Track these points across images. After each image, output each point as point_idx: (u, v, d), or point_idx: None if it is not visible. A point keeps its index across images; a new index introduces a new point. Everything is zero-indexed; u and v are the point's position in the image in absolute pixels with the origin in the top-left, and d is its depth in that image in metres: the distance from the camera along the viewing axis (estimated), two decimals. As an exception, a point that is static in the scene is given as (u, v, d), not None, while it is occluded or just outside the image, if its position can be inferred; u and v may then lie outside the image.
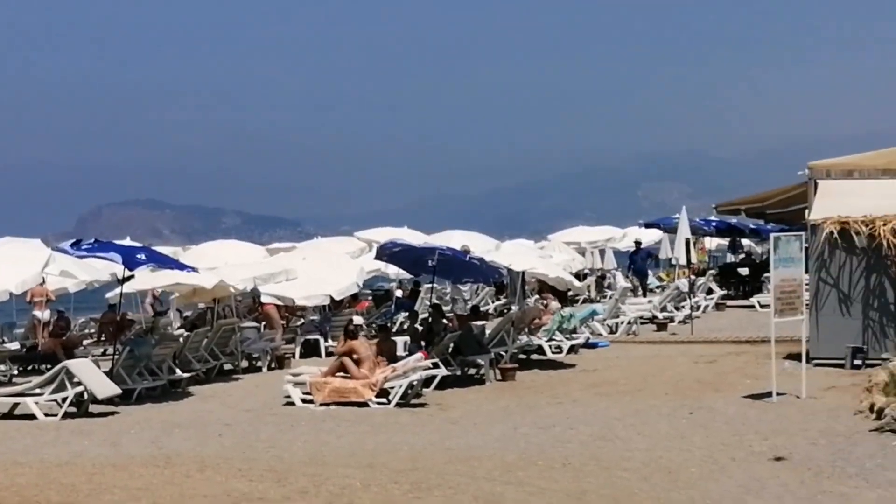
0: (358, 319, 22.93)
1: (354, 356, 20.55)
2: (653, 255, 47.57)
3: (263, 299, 28.67)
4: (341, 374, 20.44)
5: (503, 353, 23.74)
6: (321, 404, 19.64)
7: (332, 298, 29.68)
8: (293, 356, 27.24)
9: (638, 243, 45.57)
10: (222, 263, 30.44)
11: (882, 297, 21.80)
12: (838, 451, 14.39)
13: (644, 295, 39.66)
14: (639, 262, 44.03)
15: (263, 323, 28.66)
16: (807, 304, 20.71)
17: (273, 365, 25.76)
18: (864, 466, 13.56)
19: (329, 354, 26.05)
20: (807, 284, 20.95)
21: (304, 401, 19.95)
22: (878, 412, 15.77)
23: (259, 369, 25.58)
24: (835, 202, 29.54)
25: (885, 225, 21.80)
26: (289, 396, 20.19)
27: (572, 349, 25.92)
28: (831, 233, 21.96)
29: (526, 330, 25.60)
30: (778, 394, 18.36)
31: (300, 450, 15.56)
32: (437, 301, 29.87)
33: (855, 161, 36.24)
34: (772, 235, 20.26)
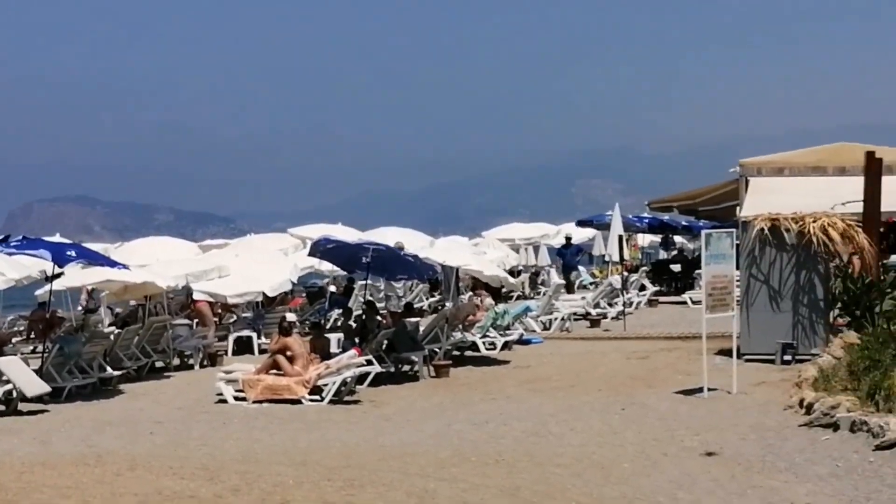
0: (291, 316, 22.80)
1: (288, 353, 20.48)
2: (583, 251, 47.65)
3: (196, 296, 28.47)
4: (274, 371, 20.35)
5: (437, 350, 23.75)
6: (254, 402, 19.54)
7: (265, 295, 29.56)
8: (226, 353, 27.09)
9: (568, 238, 45.60)
10: (154, 260, 30.23)
11: (811, 294, 22.03)
12: (768, 446, 14.52)
13: (571, 291, 39.64)
14: (568, 258, 44.06)
15: (196, 320, 28.46)
16: (738, 301, 20.89)
17: (205, 362, 25.60)
18: (794, 461, 13.70)
19: (262, 352, 25.92)
20: (738, 281, 21.13)
21: (236, 398, 19.85)
22: (808, 407, 15.94)
23: (191, 367, 25.42)
24: (765, 199, 29.85)
25: (814, 222, 22.03)
26: (221, 394, 20.08)
27: (506, 345, 25.97)
28: (762, 230, 22.15)
29: (460, 326, 25.62)
30: (709, 389, 18.51)
31: (232, 447, 15.47)
32: (370, 298, 29.81)
33: (785, 158, 36.67)
34: (703, 232, 20.40)
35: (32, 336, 31.50)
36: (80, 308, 35.16)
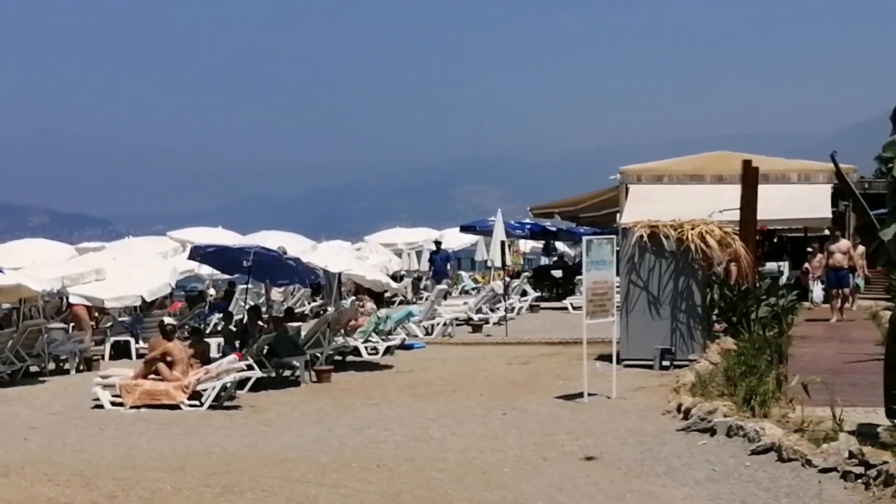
0: (169, 321, 22.51)
1: (169, 358, 20.20)
2: (451, 259, 47.26)
3: (72, 300, 27.93)
4: (152, 376, 20.05)
5: (319, 355, 23.61)
6: (131, 407, 19.22)
7: (143, 299, 29.11)
8: (102, 358, 26.59)
9: (438, 243, 44.93)
10: (29, 263, 29.60)
11: (690, 300, 22.35)
12: (647, 451, 14.68)
13: (444, 297, 38.35)
14: (438, 263, 43.36)
15: (72, 324, 27.92)
16: (617, 307, 21.11)
17: (81, 367, 25.11)
18: (672, 465, 13.87)
19: (140, 356, 25.50)
20: (618, 287, 21.36)
21: (113, 403, 19.50)
22: (686, 412, 16.16)
23: (67, 371, 24.91)
24: (645, 206, 30.39)
25: (692, 229, 22.35)
26: (97, 399, 19.71)
27: (388, 350, 25.92)
28: (641, 236, 22.41)
29: (342, 331, 25.51)
30: (589, 394, 18.67)
31: (109, 453, 15.19)
32: (254, 303, 29.56)
33: (664, 166, 37.45)
34: (584, 238, 20.59)
35: None
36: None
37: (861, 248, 28.74)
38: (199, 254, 25.55)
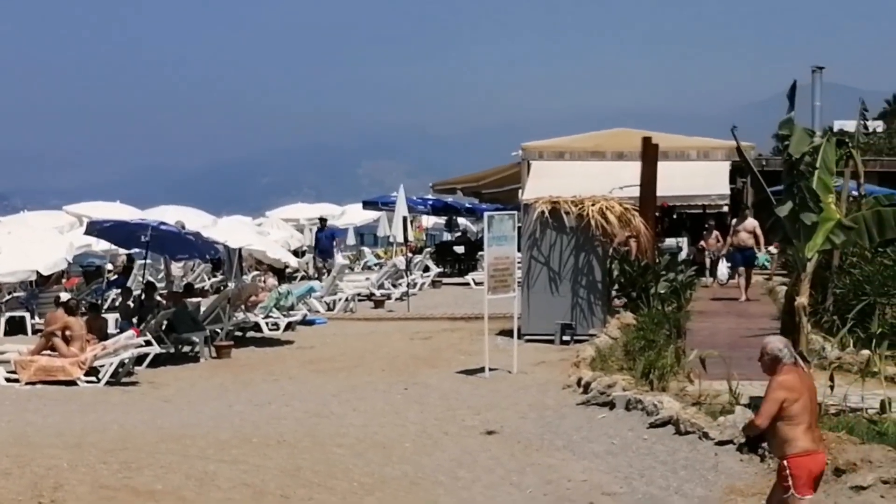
0: (65, 296, 22.13)
1: (68, 333, 19.88)
2: (336, 237, 45.92)
3: (-35, 275, 27.33)
4: (48, 352, 19.72)
5: (219, 331, 23.39)
6: (27, 383, 18.89)
7: (39, 274, 28.59)
8: (-3, 334, 26.10)
9: (323, 220, 43.07)
10: (-79, 237, 28.87)
11: (590, 276, 22.49)
12: (547, 425, 14.79)
13: (326, 275, 36.27)
14: (323, 241, 41.41)
15: (-35, 299, 27.35)
16: (519, 282, 21.19)
17: (-25, 343, 24.62)
18: (572, 439, 13.98)
19: (36, 332, 25.08)
20: (519, 262, 21.43)
21: (8, 380, 19.16)
22: (585, 386, 16.29)
23: (-40, 348, 24.40)
24: (546, 182, 30.50)
25: (593, 205, 22.47)
26: (-8, 375, 19.35)
27: (289, 326, 25.79)
28: (542, 212, 22.48)
29: (242, 307, 25.32)
30: (490, 369, 18.73)
31: (3, 430, 14.90)
32: (150, 278, 29.19)
33: (566, 143, 37.63)
34: (486, 214, 20.64)
35: None
36: None
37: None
38: (96, 229, 25.16)
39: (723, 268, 31.43)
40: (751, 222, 28.13)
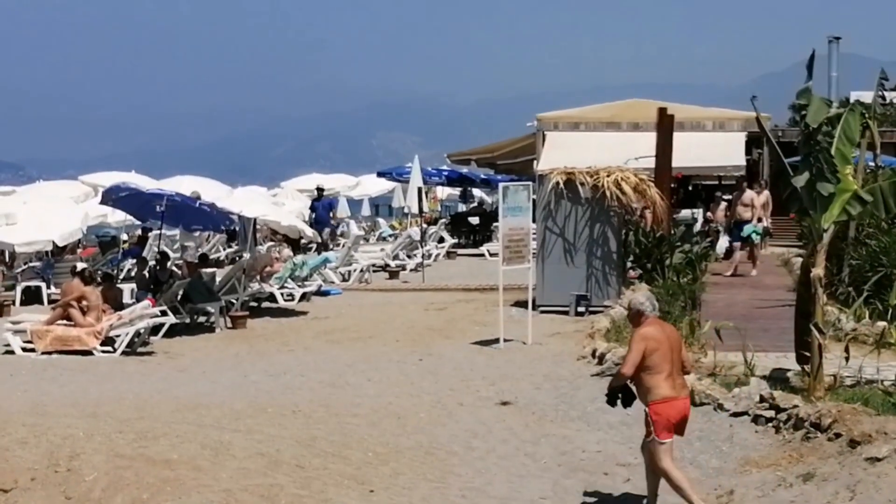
0: (81, 266, 22.19)
1: (84, 303, 19.93)
2: (334, 206, 45.00)
3: (-19, 244, 27.43)
4: (64, 321, 19.78)
5: (234, 301, 23.44)
6: (43, 353, 18.96)
7: (54, 244, 28.67)
8: (13, 303, 26.17)
9: (320, 190, 41.90)
10: (-62, 207, 28.96)
11: (605, 247, 22.44)
12: (562, 396, 14.80)
13: (325, 249, 35.49)
14: (319, 211, 40.35)
15: (-18, 269, 27.43)
16: (534, 253, 21.16)
17: (-8, 313, 24.70)
18: (586, 410, 13.98)
19: (52, 302, 25.14)
20: (534, 233, 21.40)
21: (24, 349, 19.23)
22: (600, 357, 16.30)
23: (-24, 317, 24.49)
24: (561, 153, 30.37)
25: (608, 176, 22.39)
26: (8, 345, 19.43)
27: (304, 297, 25.83)
28: (557, 183, 22.42)
29: (257, 277, 25.35)
30: (505, 340, 18.73)
31: (20, 399, 14.97)
32: (164, 248, 29.23)
33: (581, 114, 37.51)
34: (501, 185, 20.60)
35: None
36: None
37: (762, 198, 28.29)
38: (112, 198, 25.17)
39: (723, 241, 31.14)
40: (748, 195, 27.91)
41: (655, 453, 10.08)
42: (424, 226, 37.07)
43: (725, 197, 33.20)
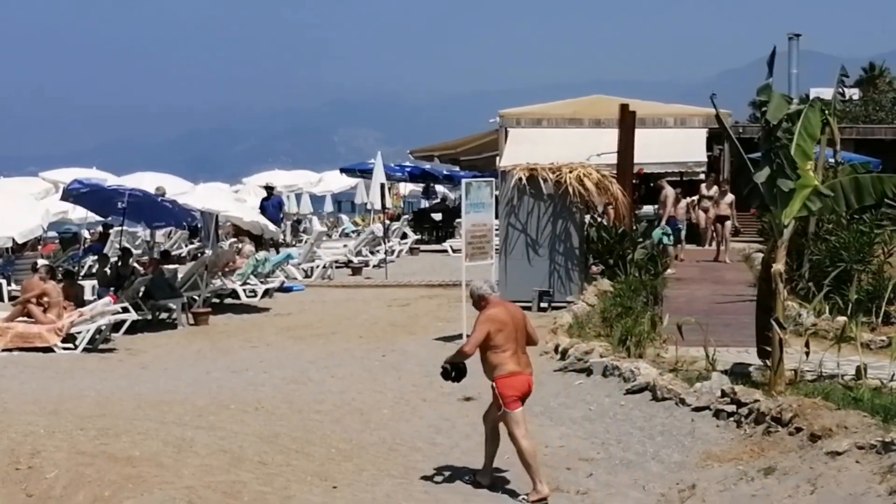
0: (44, 262, 22.05)
1: (45, 299, 19.82)
2: (283, 206, 43.60)
3: (-60, 241, 27.17)
4: (24, 318, 19.65)
5: (196, 298, 23.36)
6: (3, 350, 18.81)
7: (14, 241, 28.46)
8: (-27, 301, 25.98)
9: (269, 189, 39.51)
10: None
11: (568, 242, 22.47)
12: (524, 391, 14.80)
13: (277, 250, 33.41)
14: (270, 210, 37.11)
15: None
16: (496, 249, 21.18)
17: (-49, 310, 24.50)
18: (549, 405, 14.03)
19: (12, 298, 24.96)
20: (497, 229, 21.42)
21: (-16, 347, 19.09)
22: (563, 353, 16.34)
23: (-65, 315, 24.29)
24: (524, 149, 30.45)
25: (570, 172, 22.43)
26: (-32, 343, 19.26)
27: (267, 293, 25.77)
28: (520, 179, 22.44)
29: (220, 274, 25.27)
30: (468, 336, 18.69)
31: (-21, 398, 14.85)
32: (125, 245, 29.07)
33: (543, 110, 37.55)
34: (463, 181, 20.61)
35: None
36: None
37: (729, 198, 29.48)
38: (73, 195, 25.01)
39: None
40: (670, 190, 28.80)
41: (509, 424, 10.73)
42: (387, 222, 37.08)
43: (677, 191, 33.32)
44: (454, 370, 11.13)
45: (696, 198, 32.50)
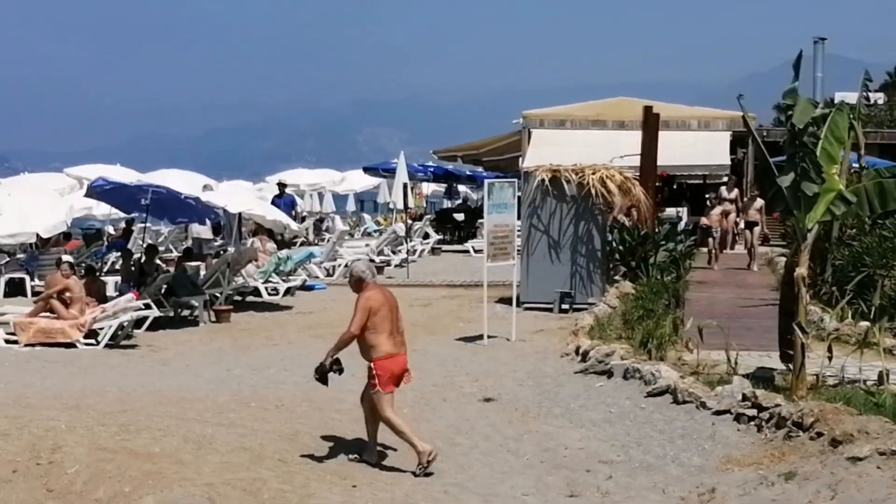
0: (68, 258, 22.12)
1: (68, 295, 19.90)
2: (295, 205, 43.63)
3: (-35, 236, 27.29)
4: (47, 314, 19.74)
5: (218, 295, 23.41)
6: (26, 345, 18.91)
7: (39, 237, 28.59)
8: (-4, 296, 26.11)
9: (282, 186, 40.31)
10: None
11: (590, 244, 22.47)
12: (545, 392, 14.81)
13: (288, 247, 34.29)
14: (282, 209, 36.43)
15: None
16: (518, 250, 21.18)
17: (-26, 305, 24.62)
18: (569, 407, 14.00)
19: (35, 294, 25.08)
20: (519, 230, 21.42)
21: (7, 341, 19.18)
22: (584, 354, 16.31)
23: (-41, 309, 24.40)
24: (547, 150, 30.45)
25: (593, 174, 22.43)
26: (-9, 337, 19.37)
27: (289, 291, 25.80)
28: (543, 180, 22.45)
29: (242, 271, 25.31)
30: (489, 336, 18.74)
31: (2, 392, 14.90)
32: (150, 241, 29.14)
33: (567, 111, 37.53)
34: (486, 182, 20.61)
35: None
36: None
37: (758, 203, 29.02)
38: (96, 191, 25.11)
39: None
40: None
41: (379, 403, 11.37)
42: (409, 222, 37.07)
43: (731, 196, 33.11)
44: (332, 367, 11.72)
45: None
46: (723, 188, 31.71)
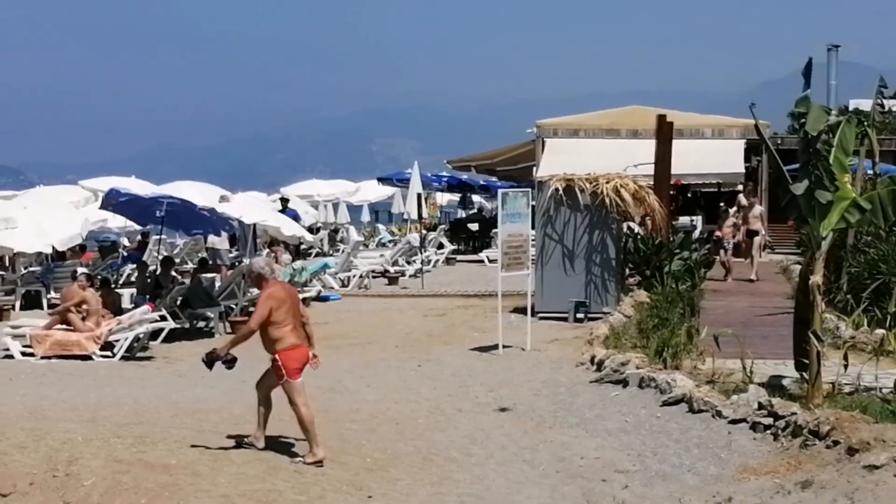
0: (82, 271, 22.21)
1: (85, 307, 19.97)
2: (299, 220, 43.00)
3: (-19, 249, 27.43)
4: (63, 326, 19.80)
5: (233, 306, 23.45)
6: (42, 357, 18.98)
7: (54, 249, 28.69)
8: (13, 308, 26.19)
9: (284, 201, 39.52)
10: (-61, 212, 28.95)
11: (604, 253, 22.46)
12: (560, 402, 14.80)
13: (304, 258, 34.24)
14: None
15: (-19, 274, 27.43)
16: (533, 260, 21.17)
17: (-9, 317, 24.70)
18: (585, 416, 13.99)
19: (52, 306, 25.16)
20: (533, 240, 21.42)
21: (23, 354, 19.26)
22: (599, 364, 16.30)
23: (-24, 322, 24.49)
24: (561, 160, 30.43)
25: (607, 183, 22.42)
26: (7, 349, 19.47)
27: (303, 302, 25.79)
28: (557, 189, 22.44)
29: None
30: (504, 346, 18.74)
31: (19, 404, 14.96)
32: (167, 254, 29.20)
33: (580, 121, 37.56)
34: (500, 191, 20.62)
35: None
36: None
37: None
38: (112, 203, 25.20)
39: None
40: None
41: (291, 392, 11.91)
42: (424, 232, 37.12)
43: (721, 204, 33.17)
44: (225, 359, 12.30)
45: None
46: (741, 196, 31.58)
